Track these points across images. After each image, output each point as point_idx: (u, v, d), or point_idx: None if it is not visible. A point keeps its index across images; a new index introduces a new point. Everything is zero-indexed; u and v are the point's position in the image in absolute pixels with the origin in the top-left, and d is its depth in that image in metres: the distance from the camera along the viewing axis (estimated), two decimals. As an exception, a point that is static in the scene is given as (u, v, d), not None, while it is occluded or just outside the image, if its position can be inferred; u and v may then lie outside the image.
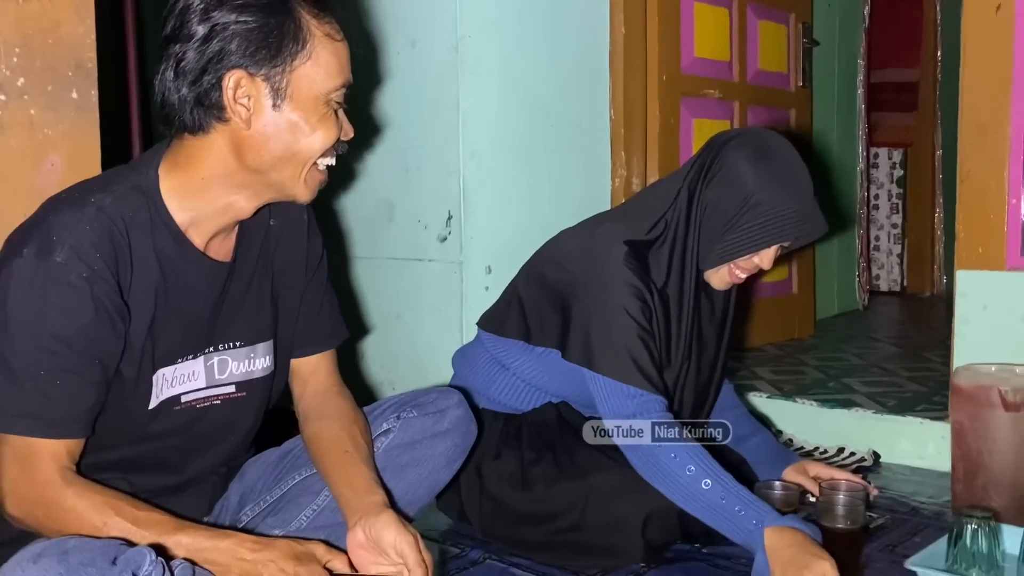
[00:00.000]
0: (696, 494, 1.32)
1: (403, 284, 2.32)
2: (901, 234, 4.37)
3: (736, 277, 1.50)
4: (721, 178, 1.45)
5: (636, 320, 1.43)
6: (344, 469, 1.23)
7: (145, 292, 1.12)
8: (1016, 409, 1.53)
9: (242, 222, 1.23)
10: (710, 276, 1.51)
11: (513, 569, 1.43)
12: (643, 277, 1.46)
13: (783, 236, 1.45)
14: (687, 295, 1.51)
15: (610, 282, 1.44)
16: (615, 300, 1.43)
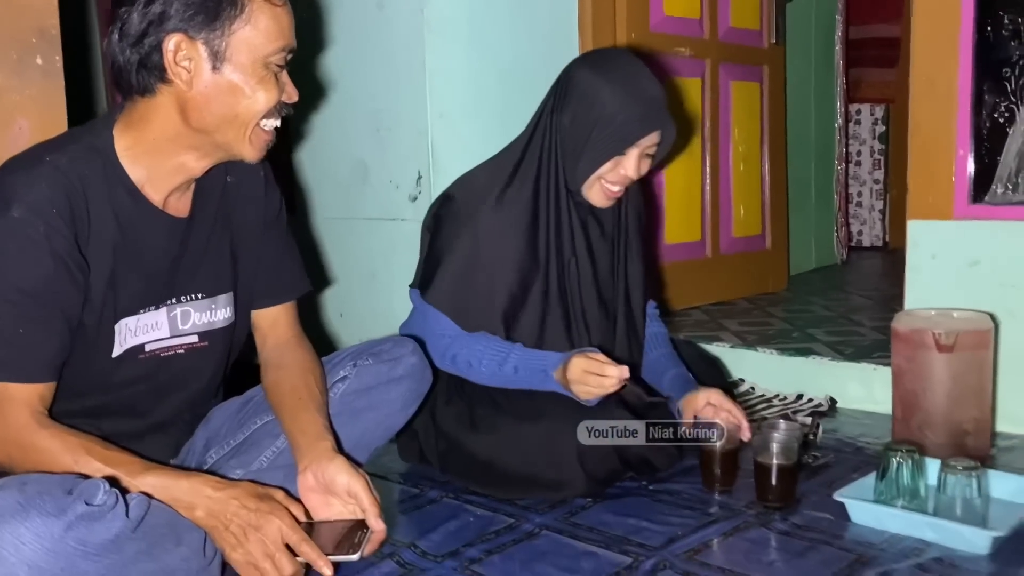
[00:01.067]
0: (507, 380, 1.55)
1: (377, 244, 2.38)
2: (883, 190, 4.41)
3: (609, 192, 1.59)
4: (571, 98, 1.55)
5: (471, 254, 1.56)
6: (298, 416, 1.31)
7: (103, 247, 1.19)
8: (949, 350, 1.59)
9: (199, 179, 1.30)
10: (588, 195, 1.60)
11: (467, 506, 1.51)
12: (499, 212, 1.57)
13: (632, 137, 1.53)
14: (564, 220, 1.60)
15: (459, 216, 1.58)
16: (457, 233, 1.57)
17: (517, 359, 1.56)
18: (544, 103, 1.64)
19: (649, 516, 1.43)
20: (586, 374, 1.46)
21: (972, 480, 1.32)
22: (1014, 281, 1.83)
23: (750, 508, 1.46)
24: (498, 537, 1.38)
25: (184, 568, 1.10)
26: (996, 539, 1.25)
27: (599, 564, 1.27)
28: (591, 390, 1.47)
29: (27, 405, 1.14)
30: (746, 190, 3.05)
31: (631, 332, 1.73)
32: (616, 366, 1.45)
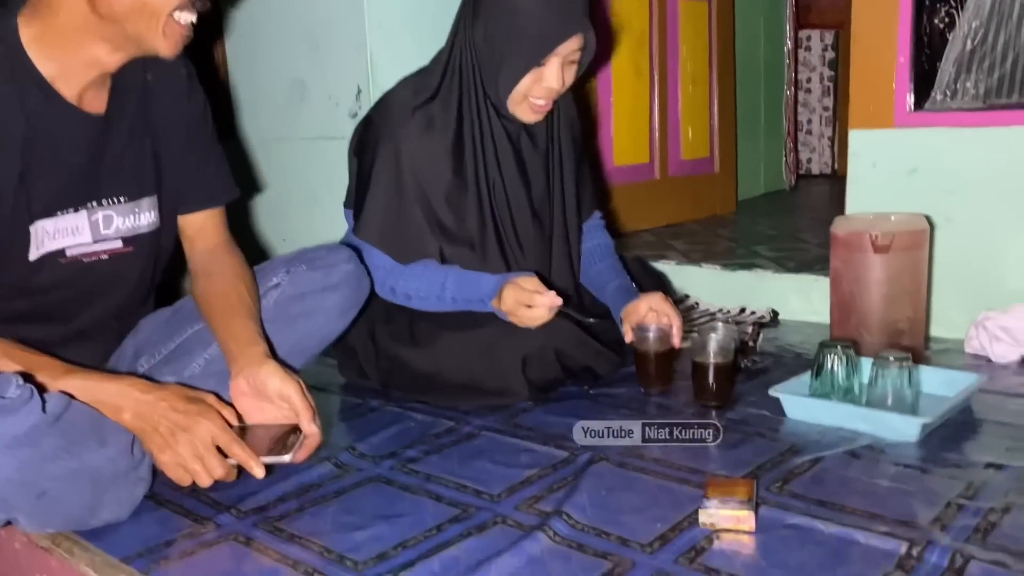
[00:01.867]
0: (439, 301, 1.53)
1: (319, 164, 2.33)
2: (832, 117, 4.42)
3: (536, 106, 1.53)
4: (481, 10, 1.50)
5: (396, 181, 1.52)
6: (229, 322, 1.28)
7: (11, 141, 1.13)
8: (885, 251, 1.61)
9: (116, 76, 1.24)
10: (515, 112, 1.55)
11: (409, 413, 1.50)
12: (423, 133, 1.52)
13: (549, 45, 1.46)
14: (489, 139, 1.56)
15: (381, 139, 1.53)
16: (382, 157, 1.53)
17: (453, 289, 1.53)
18: (458, 17, 1.58)
19: (588, 416, 1.43)
20: (518, 305, 1.45)
21: (903, 372, 1.34)
22: (951, 187, 1.84)
23: (688, 407, 1.47)
24: (438, 439, 1.38)
25: (110, 468, 1.08)
26: (925, 426, 1.27)
27: (536, 458, 1.28)
28: (525, 321, 1.46)
29: None
30: (695, 112, 3.04)
31: (568, 250, 1.71)
32: (545, 294, 1.43)
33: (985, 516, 1.04)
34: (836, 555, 0.96)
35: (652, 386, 1.55)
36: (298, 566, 0.99)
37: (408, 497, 1.17)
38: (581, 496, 1.13)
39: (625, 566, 0.96)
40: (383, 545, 1.03)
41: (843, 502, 1.09)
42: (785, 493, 1.12)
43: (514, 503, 1.13)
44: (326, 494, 1.19)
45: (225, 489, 1.18)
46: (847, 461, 1.22)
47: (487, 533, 1.05)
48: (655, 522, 1.06)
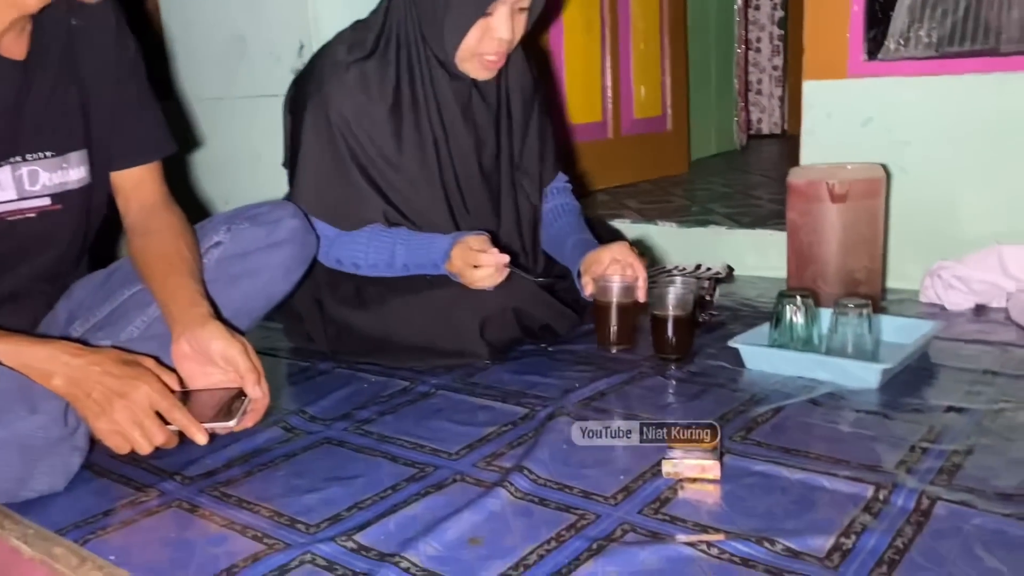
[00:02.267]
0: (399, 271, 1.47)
1: (261, 123, 2.23)
2: (782, 76, 4.42)
3: (486, 62, 1.44)
4: None
5: (330, 148, 1.45)
6: (168, 282, 1.22)
7: None
8: (842, 200, 1.59)
9: (38, 19, 1.16)
10: (465, 68, 1.46)
11: (361, 374, 1.45)
12: (357, 97, 1.44)
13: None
14: (432, 98, 1.48)
15: (312, 103, 1.45)
16: (313, 124, 1.45)
17: (404, 255, 1.46)
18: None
19: (546, 373, 1.40)
20: (465, 265, 1.39)
21: (863, 319, 1.33)
22: (906, 137, 1.83)
23: (647, 361, 1.44)
24: (392, 399, 1.33)
25: (42, 437, 1.01)
26: (885, 372, 1.26)
27: (494, 415, 1.24)
28: (474, 283, 1.40)
29: None
30: (646, 70, 3.00)
31: (518, 211, 1.63)
32: (491, 253, 1.37)
33: (949, 458, 1.03)
34: (803, 501, 0.94)
35: (611, 344, 1.49)
36: (247, 531, 0.94)
37: (362, 458, 1.12)
38: (542, 451, 1.09)
39: (589, 519, 0.93)
40: (336, 507, 0.99)
41: (807, 449, 1.07)
42: (748, 442, 1.10)
43: (473, 460, 1.10)
44: (275, 458, 1.14)
45: (168, 456, 1.12)
46: (809, 409, 1.21)
47: (445, 491, 1.01)
48: (618, 474, 1.03)
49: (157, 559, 0.90)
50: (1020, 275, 1.65)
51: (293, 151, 1.50)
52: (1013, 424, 1.12)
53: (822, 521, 0.90)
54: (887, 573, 0.80)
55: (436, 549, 0.88)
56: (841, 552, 0.84)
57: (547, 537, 0.89)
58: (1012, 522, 0.88)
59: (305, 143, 1.46)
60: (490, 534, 0.91)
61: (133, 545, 0.93)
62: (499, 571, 0.84)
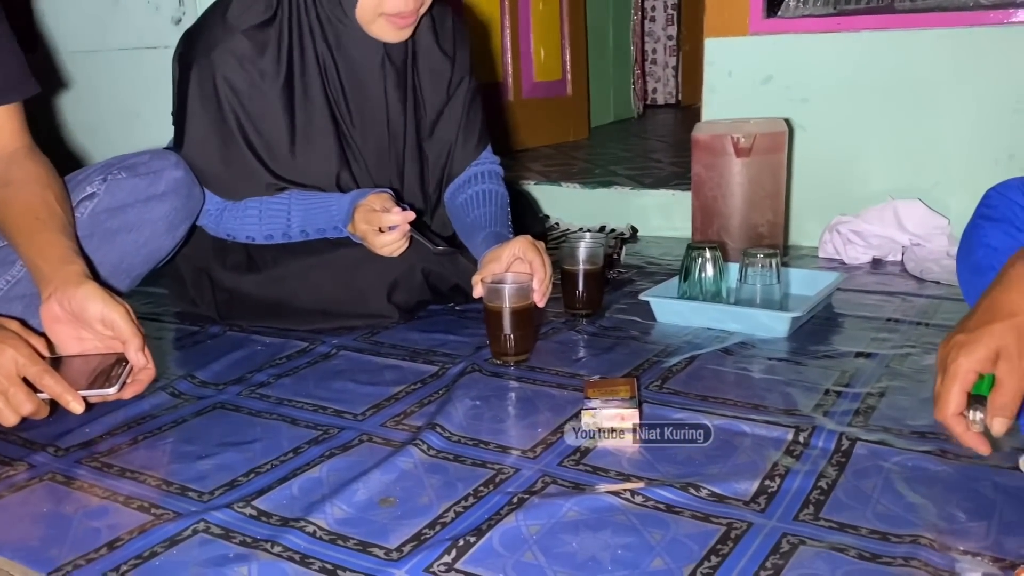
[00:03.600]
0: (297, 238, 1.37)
1: (139, 77, 2.09)
2: (676, 47, 4.46)
3: (395, 21, 1.32)
4: None
5: (214, 116, 1.34)
6: (35, 238, 1.09)
7: None
8: (746, 154, 1.59)
9: None
10: (372, 30, 1.34)
11: (255, 336, 1.36)
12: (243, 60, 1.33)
13: None
14: (328, 63, 1.38)
15: (198, 66, 1.34)
16: (197, 88, 1.34)
17: (301, 220, 1.35)
18: None
19: (456, 331, 1.34)
20: (369, 230, 1.28)
21: (771, 269, 1.32)
22: (804, 95, 1.85)
23: (558, 317, 1.41)
24: (289, 361, 1.25)
25: None
26: (795, 320, 1.26)
27: (403, 375, 1.17)
28: (378, 250, 1.30)
29: None
30: (546, 33, 2.96)
31: (422, 176, 1.51)
32: (395, 211, 1.26)
33: (864, 400, 1.03)
34: (724, 446, 0.92)
35: (508, 355, 1.20)
36: (131, 502, 0.85)
37: (259, 422, 1.04)
38: (454, 408, 1.04)
39: (507, 473, 0.88)
40: (232, 473, 0.91)
41: (723, 396, 1.05)
42: (665, 391, 1.08)
43: (380, 420, 1.03)
44: (162, 425, 1.04)
45: (37, 427, 1.01)
46: (721, 358, 1.19)
47: (352, 452, 0.95)
48: (534, 428, 0.99)
49: (26, 537, 0.80)
50: (914, 229, 1.70)
51: (179, 113, 1.38)
52: (920, 367, 1.14)
53: (745, 465, 0.88)
54: (813, 513, 0.79)
55: (344, 511, 0.82)
56: (767, 495, 0.82)
57: (464, 494, 0.84)
58: (929, 459, 0.87)
59: (191, 109, 1.34)
60: (403, 493, 0.85)
61: (-2, 523, 0.83)
62: (414, 530, 0.78)
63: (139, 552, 0.76)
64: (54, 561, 0.75)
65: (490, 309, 1.20)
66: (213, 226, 1.39)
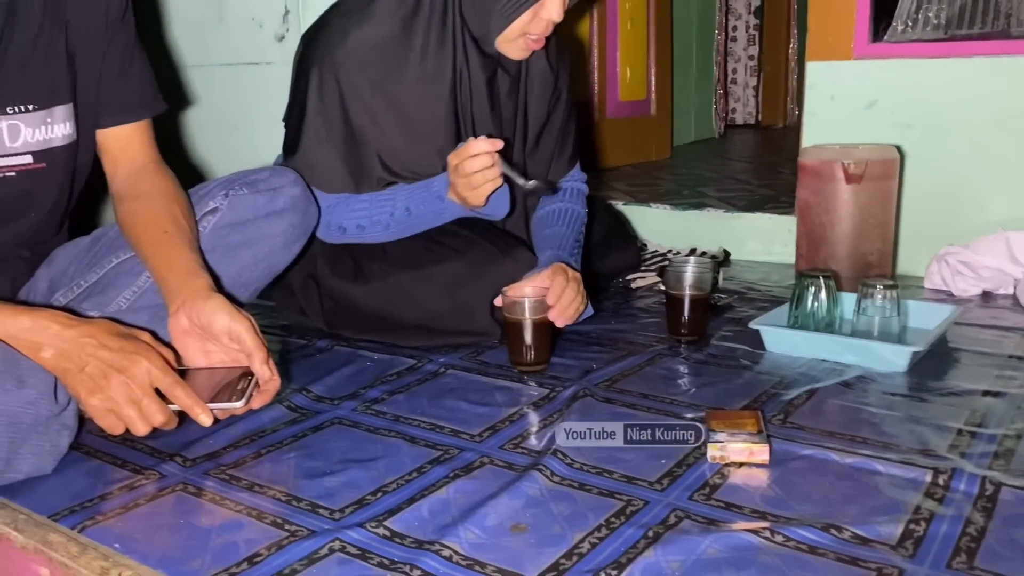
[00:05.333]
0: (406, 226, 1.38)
1: (239, 92, 2.13)
2: (757, 67, 4.41)
3: (531, 42, 1.36)
4: None
5: (333, 116, 1.35)
6: (163, 251, 1.11)
7: None
8: (857, 181, 1.55)
9: None
10: (505, 47, 1.37)
11: (363, 352, 1.37)
12: (368, 67, 1.35)
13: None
14: (463, 71, 1.39)
15: (318, 71, 1.35)
16: (317, 91, 1.35)
17: (406, 198, 1.38)
18: None
19: (560, 354, 1.33)
20: (459, 171, 1.27)
21: (890, 300, 1.29)
22: (911, 120, 1.80)
23: (661, 343, 1.39)
24: (400, 378, 1.25)
25: (31, 413, 0.92)
26: (915, 354, 1.22)
27: (513, 396, 1.17)
28: (475, 180, 1.27)
29: None
30: (633, 52, 2.95)
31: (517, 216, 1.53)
32: (481, 139, 1.25)
33: (1001, 442, 0.99)
34: (860, 486, 0.90)
35: (524, 364, 1.26)
36: (264, 516, 0.86)
37: (379, 439, 1.05)
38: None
39: (637, 505, 0.86)
40: (359, 491, 0.91)
41: (851, 432, 1.02)
42: (788, 425, 1.05)
43: (499, 442, 1.03)
44: (283, 439, 1.05)
45: (163, 437, 1.03)
46: (841, 392, 1.16)
47: (475, 474, 0.94)
48: (658, 457, 0.97)
49: (168, 547, 0.81)
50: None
51: (298, 113, 1.40)
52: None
53: (884, 507, 0.85)
54: (967, 562, 0.75)
55: (477, 536, 0.81)
56: (914, 540, 0.79)
57: (596, 524, 0.83)
58: (1083, 508, 0.84)
59: (310, 108, 1.36)
60: (533, 520, 0.84)
61: (137, 532, 0.84)
62: (551, 560, 0.77)
63: (279, 569, 0.77)
64: (197, 574, 0.76)
65: (509, 321, 1.26)
66: (324, 222, 1.39)
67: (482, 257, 1.38)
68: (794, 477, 0.92)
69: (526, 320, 1.25)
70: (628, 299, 1.68)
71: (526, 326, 1.25)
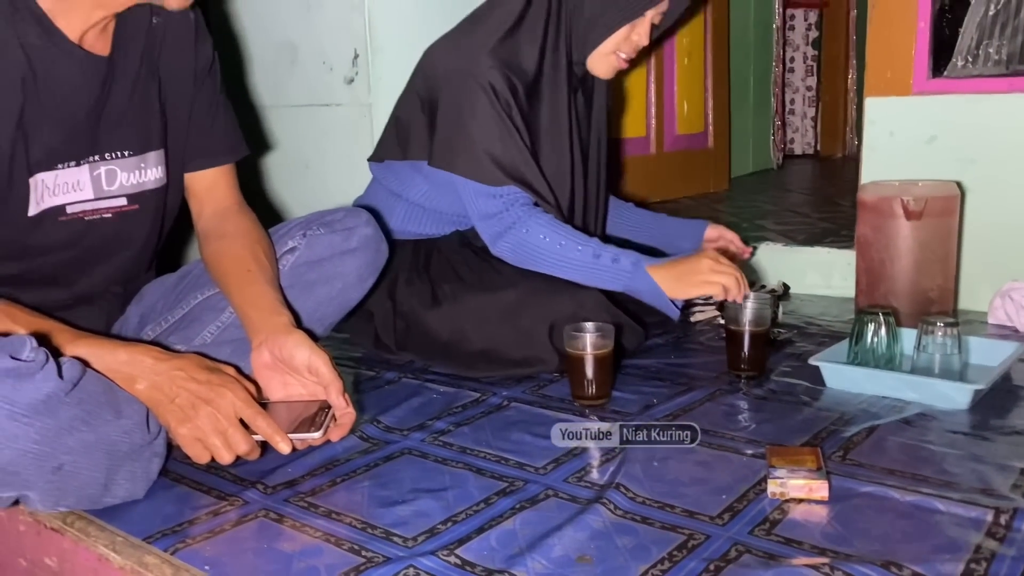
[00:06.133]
0: (573, 261, 1.40)
1: (310, 132, 2.22)
2: (815, 97, 4.40)
3: (621, 61, 1.52)
4: None
5: (495, 117, 1.42)
6: (247, 289, 1.19)
7: (10, 82, 1.03)
8: (917, 217, 1.56)
9: (120, 17, 1.14)
10: (595, 65, 1.52)
11: (429, 384, 1.42)
12: (508, 76, 1.43)
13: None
14: (564, 86, 1.50)
15: (470, 82, 1.42)
16: (474, 100, 1.42)
17: (597, 244, 1.42)
18: None
19: (619, 388, 1.37)
20: (718, 265, 1.39)
21: (951, 337, 1.30)
22: (972, 155, 1.80)
23: (721, 378, 1.41)
24: (465, 411, 1.30)
25: (127, 442, 0.98)
26: (977, 392, 1.23)
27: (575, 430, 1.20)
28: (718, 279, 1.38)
29: None
30: (690, 86, 2.98)
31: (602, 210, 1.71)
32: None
33: (1065, 483, 0.99)
34: (921, 524, 0.91)
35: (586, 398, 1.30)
36: (342, 543, 0.91)
37: (447, 470, 1.09)
38: (634, 468, 1.06)
39: (699, 539, 0.89)
40: (430, 520, 0.96)
41: (911, 470, 1.04)
42: (848, 462, 1.07)
43: (563, 475, 1.06)
44: (356, 468, 1.11)
45: (245, 464, 1.09)
46: (902, 429, 1.17)
47: (540, 506, 0.98)
48: (719, 493, 0.99)
49: (254, 571, 0.86)
50: (1096, 297, 1.62)
51: (455, 114, 1.43)
52: (1121, 449, 1.09)
53: (945, 545, 0.86)
54: (1028, 602, 0.77)
55: (544, 566, 0.85)
56: (974, 579, 0.80)
57: (659, 557, 0.86)
58: None
59: (479, 113, 1.41)
60: (597, 552, 0.87)
61: (225, 555, 0.90)
62: (615, 591, 0.80)
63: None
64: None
65: (571, 355, 1.29)
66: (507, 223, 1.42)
67: (544, 286, 1.44)
68: (854, 514, 0.94)
69: (587, 354, 1.29)
70: (688, 333, 1.71)
71: (587, 360, 1.29)
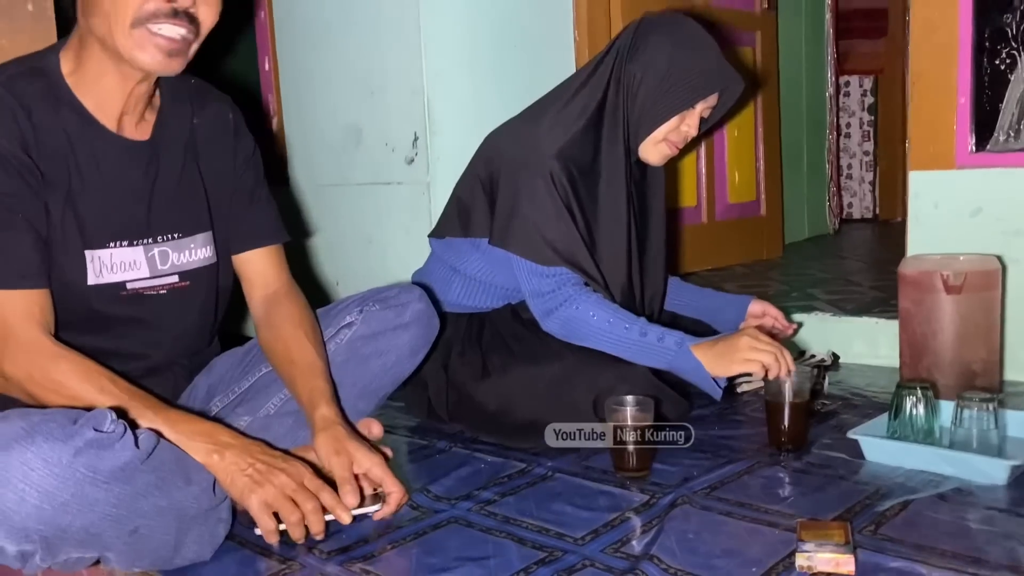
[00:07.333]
0: (620, 338, 1.48)
1: (372, 208, 2.35)
2: (873, 161, 4.41)
3: (673, 147, 1.60)
4: (641, 55, 1.55)
5: (552, 203, 1.51)
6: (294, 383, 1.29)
7: (55, 160, 1.16)
8: (957, 292, 1.58)
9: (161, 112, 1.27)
10: (647, 152, 1.61)
11: (477, 454, 1.49)
12: (567, 166, 1.53)
13: (704, 91, 1.55)
14: (621, 173, 1.58)
15: (531, 169, 1.52)
16: (533, 185, 1.52)
17: (643, 323, 1.50)
18: (610, 55, 1.60)
19: (661, 460, 1.41)
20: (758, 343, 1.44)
21: (988, 412, 1.31)
22: (1017, 228, 1.82)
23: (762, 451, 1.44)
24: (511, 481, 1.36)
25: (195, 507, 1.07)
26: (1014, 468, 1.24)
27: (615, 501, 1.25)
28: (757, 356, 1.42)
29: (29, 317, 1.12)
30: (741, 156, 3.04)
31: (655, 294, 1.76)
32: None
33: (1095, 562, 1.00)
34: (945, 601, 0.93)
35: (627, 470, 1.35)
36: (387, 608, 0.97)
37: (490, 539, 1.15)
38: (668, 539, 1.11)
39: (725, 610, 0.93)
40: (472, 587, 1.02)
41: (941, 546, 1.06)
42: (879, 537, 1.09)
43: (600, 546, 1.11)
44: (406, 535, 1.17)
45: (305, 534, 1.17)
46: (936, 504, 1.19)
47: (577, 576, 1.03)
48: (749, 566, 1.03)
49: (307, 632, 0.93)
50: None
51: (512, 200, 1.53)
52: None
53: (968, 623, 0.89)
54: None
55: (576, 634, 0.90)
56: (993, 656, 0.83)
57: (686, 627, 0.90)
58: None
59: (537, 198, 1.51)
60: (628, 621, 0.92)
61: (282, 617, 0.97)
62: (642, 659, 0.85)
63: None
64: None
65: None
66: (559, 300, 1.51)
67: (590, 359, 1.50)
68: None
69: (628, 428, 1.34)
70: (732, 404, 1.74)
71: (627, 432, 1.34)
